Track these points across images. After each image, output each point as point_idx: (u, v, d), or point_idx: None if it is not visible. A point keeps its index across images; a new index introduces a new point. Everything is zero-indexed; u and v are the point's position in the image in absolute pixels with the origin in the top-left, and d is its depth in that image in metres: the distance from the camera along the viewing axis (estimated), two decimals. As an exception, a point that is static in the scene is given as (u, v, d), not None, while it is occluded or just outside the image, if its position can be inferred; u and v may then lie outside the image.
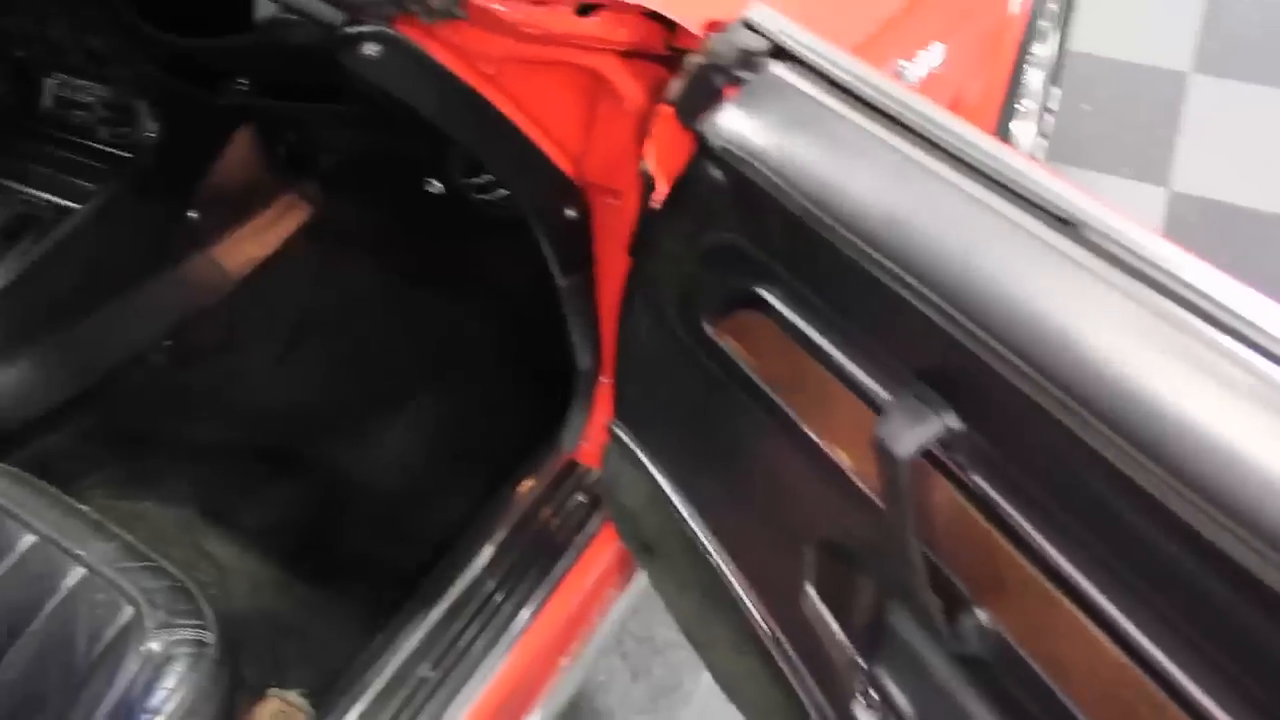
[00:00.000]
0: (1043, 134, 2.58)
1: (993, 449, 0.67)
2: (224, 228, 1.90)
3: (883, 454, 0.69)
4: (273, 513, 1.71)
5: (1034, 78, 2.41)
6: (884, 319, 0.73)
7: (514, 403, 1.80)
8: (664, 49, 1.13)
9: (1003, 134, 2.27)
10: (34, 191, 1.76)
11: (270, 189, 1.94)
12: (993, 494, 0.68)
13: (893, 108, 0.74)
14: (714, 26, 1.02)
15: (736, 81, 0.85)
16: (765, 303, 0.87)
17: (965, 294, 0.64)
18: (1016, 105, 2.34)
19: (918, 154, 0.71)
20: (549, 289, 1.34)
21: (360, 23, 0.98)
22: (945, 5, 1.58)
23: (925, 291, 0.66)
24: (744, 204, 0.83)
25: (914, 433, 0.67)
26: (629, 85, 1.14)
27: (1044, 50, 2.43)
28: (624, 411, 1.23)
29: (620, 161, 1.20)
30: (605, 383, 1.41)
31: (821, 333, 0.81)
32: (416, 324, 1.94)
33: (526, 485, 1.44)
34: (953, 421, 0.67)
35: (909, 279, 0.66)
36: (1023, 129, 2.45)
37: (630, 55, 1.13)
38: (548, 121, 1.18)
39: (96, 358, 1.77)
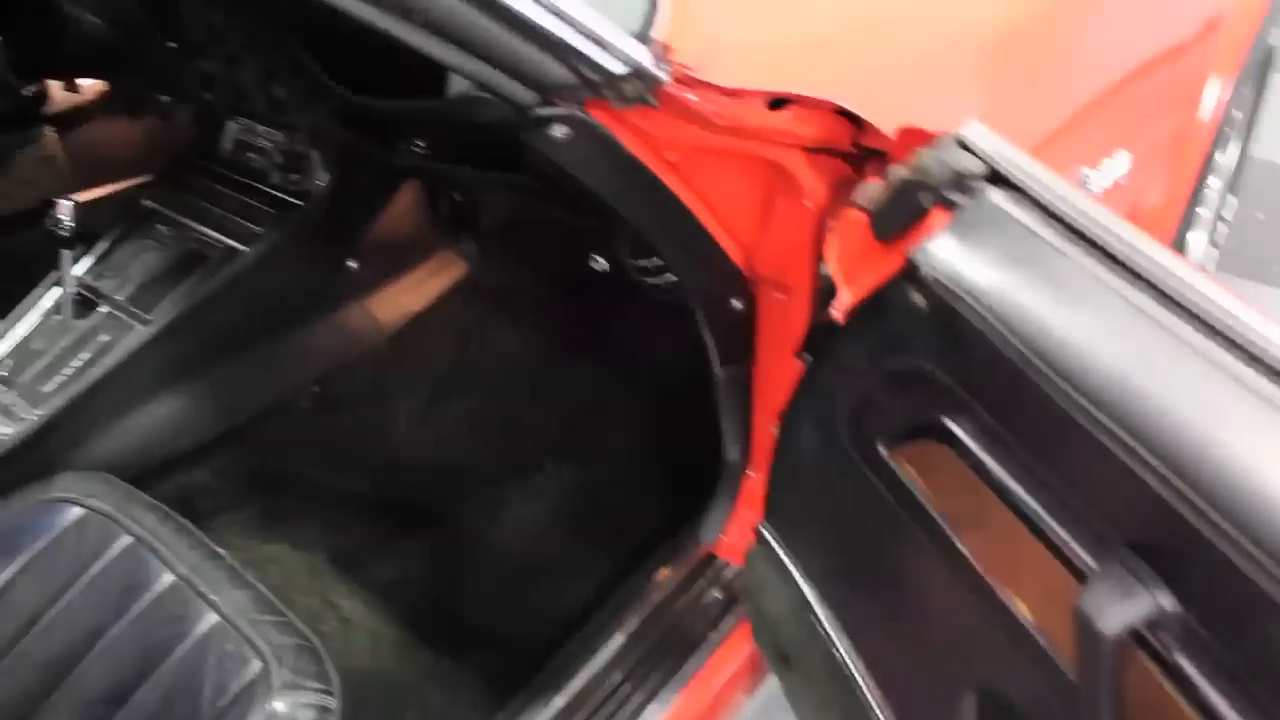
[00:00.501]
0: (1215, 243, 2.48)
1: (1209, 634, 0.61)
2: (381, 279, 1.92)
3: (1083, 627, 0.63)
4: (400, 568, 1.71)
5: (1212, 185, 2.32)
6: (1095, 478, 0.68)
7: (652, 484, 1.78)
8: (850, 146, 1.11)
9: (1179, 244, 2.18)
10: (206, 230, 1.80)
11: (429, 244, 1.97)
12: (1204, 684, 0.62)
13: (1118, 248, 0.69)
14: (911, 134, 0.98)
15: (946, 204, 0.81)
16: (951, 435, 0.82)
17: (1195, 465, 0.58)
18: (1194, 213, 2.25)
19: (1146, 303, 0.66)
20: (702, 376, 1.32)
21: (552, 104, 0.97)
22: (1133, 107, 1.51)
23: (1148, 457, 0.60)
24: (946, 335, 0.79)
25: (1121, 609, 0.62)
26: (811, 181, 1.12)
27: (1225, 158, 2.34)
28: (774, 515, 1.19)
29: (793, 257, 1.17)
30: (751, 477, 1.37)
31: (1017, 479, 0.76)
32: (561, 393, 1.93)
33: (663, 574, 1.41)
34: (1166, 600, 0.62)
35: (1131, 442, 0.61)
36: (1196, 238, 2.36)
37: (815, 151, 1.11)
38: (724, 211, 1.15)
39: (247, 398, 1.81)
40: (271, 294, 1.77)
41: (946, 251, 0.78)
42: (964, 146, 0.81)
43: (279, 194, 1.81)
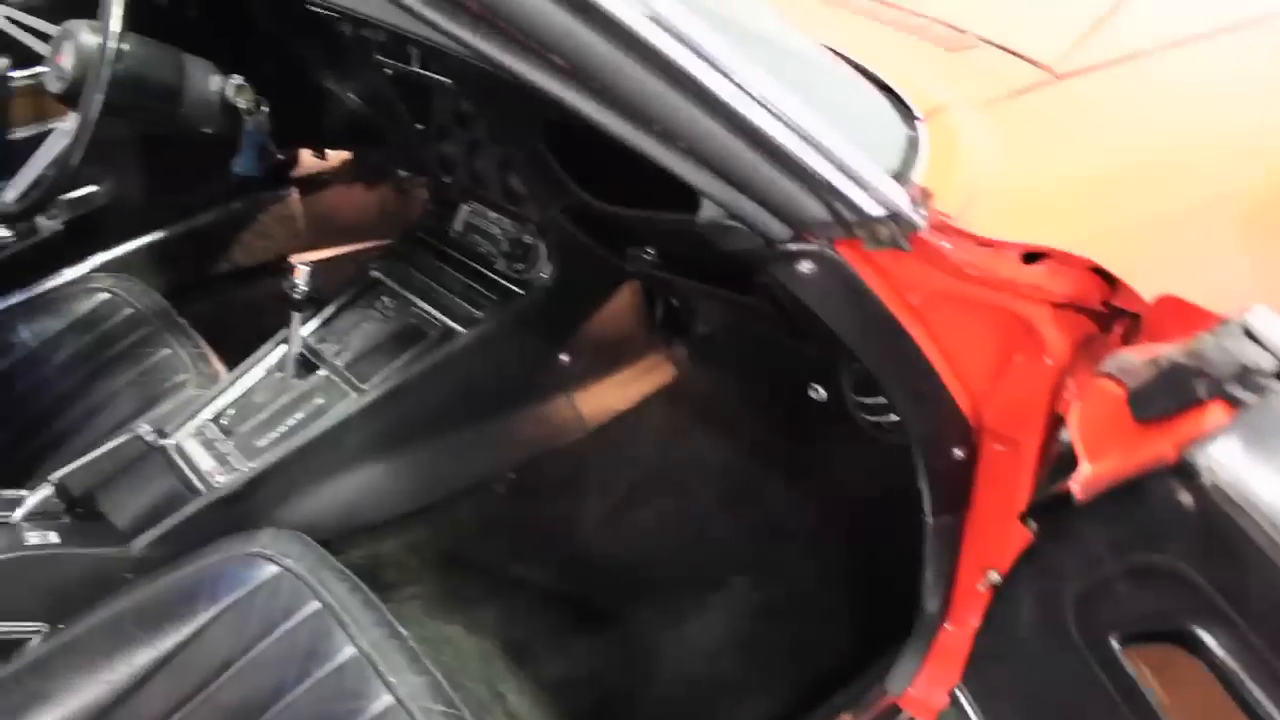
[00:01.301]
0: None
1: None
2: (590, 375, 1.94)
3: None
4: (571, 666, 1.69)
5: None
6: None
7: (839, 618, 1.72)
8: (1100, 305, 1.05)
9: None
10: (427, 307, 1.85)
11: (641, 345, 1.98)
12: None
13: None
14: (1172, 303, 0.92)
15: (1228, 399, 0.74)
16: (1204, 646, 0.74)
17: None
18: None
19: None
20: (908, 518, 1.26)
21: (803, 240, 0.95)
22: None
23: None
24: (1215, 542, 0.72)
25: None
26: (1056, 338, 1.06)
27: None
28: (975, 682, 1.11)
29: (1025, 413, 1.11)
30: (948, 631, 1.30)
31: (1280, 706, 0.68)
32: (755, 510, 1.90)
33: (844, 720, 1.35)
34: None
35: None
36: None
37: (1062, 306, 1.06)
38: (959, 359, 1.11)
39: (445, 476, 1.83)
40: (482, 378, 1.80)
41: (1230, 456, 0.70)
42: (1251, 336, 0.74)
43: (502, 280, 1.85)
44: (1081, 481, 0.87)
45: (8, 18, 1.82)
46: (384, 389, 1.70)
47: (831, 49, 1.16)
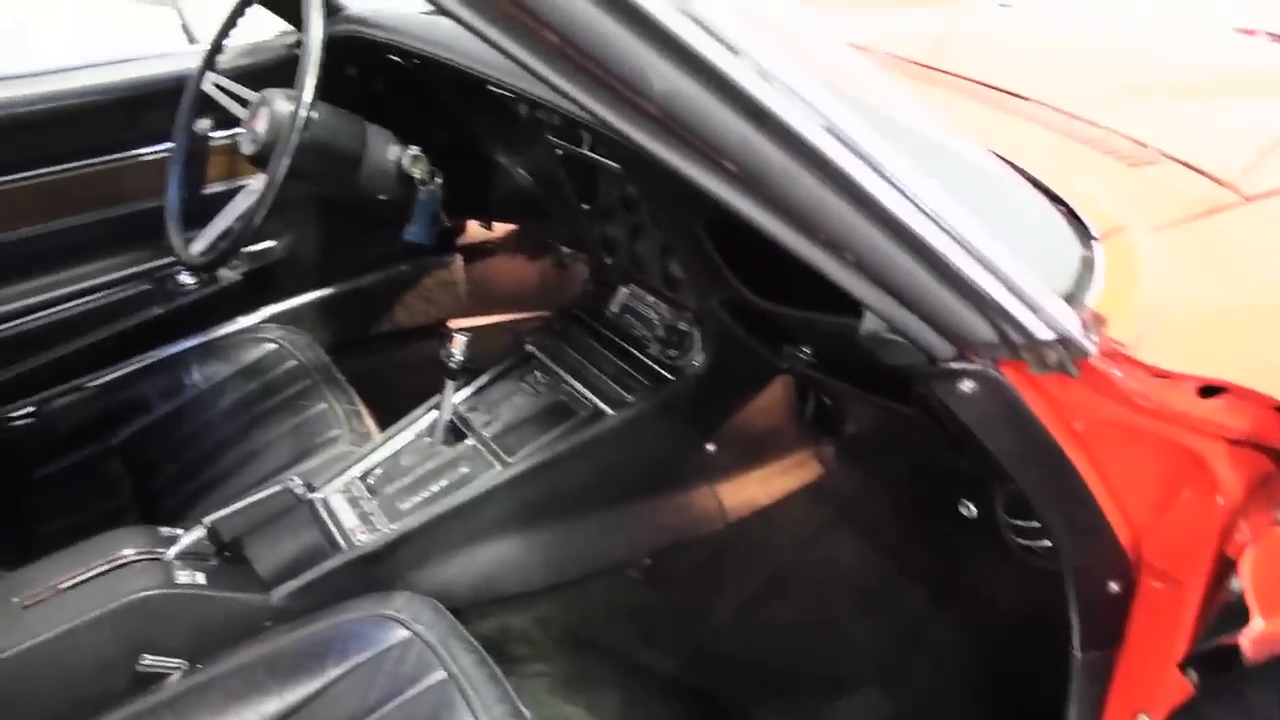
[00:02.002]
0: None
1: None
2: (735, 466, 1.92)
3: None
4: (691, 763, 1.66)
5: None
6: None
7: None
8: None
9: None
10: (578, 386, 1.87)
11: (789, 440, 1.95)
12: None
13: None
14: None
15: None
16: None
17: None
18: None
19: None
20: (1053, 648, 1.20)
21: (966, 359, 0.93)
22: None
23: None
24: None
25: None
26: (1230, 477, 1.00)
27: None
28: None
29: (1190, 551, 1.05)
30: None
31: None
32: (892, 618, 1.84)
33: None
34: None
35: None
36: None
37: (1239, 443, 1.00)
38: (1122, 490, 1.06)
39: (581, 556, 1.82)
40: (626, 462, 1.80)
41: None
42: None
43: (654, 365, 1.85)
44: (1253, 638, 0.82)
45: (215, 84, 1.92)
46: (529, 463, 1.71)
47: (1006, 159, 1.14)
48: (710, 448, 1.88)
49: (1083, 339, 0.88)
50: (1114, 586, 1.12)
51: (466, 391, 1.91)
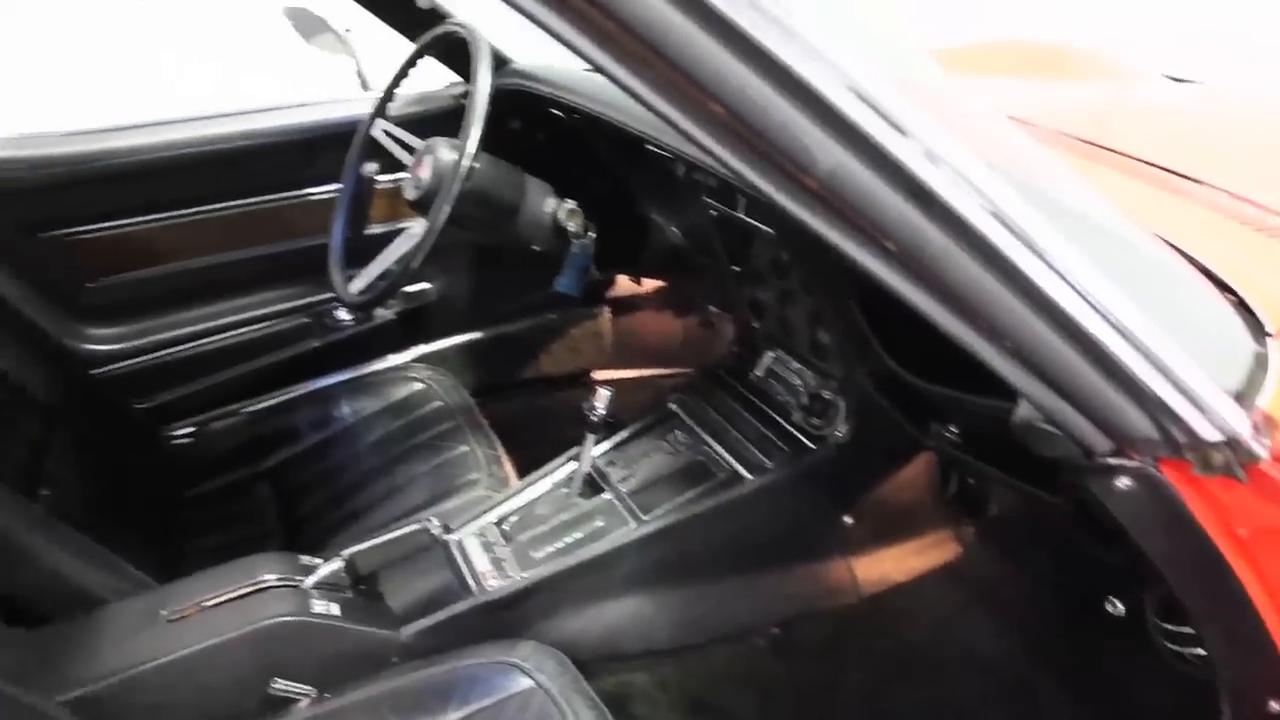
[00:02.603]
0: None
1: None
2: (872, 541, 1.88)
3: None
4: None
5: None
6: None
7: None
8: None
9: None
10: (717, 448, 1.86)
11: (929, 518, 1.90)
12: None
13: None
14: None
15: None
16: None
17: None
18: None
19: None
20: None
21: (1124, 455, 0.89)
22: None
23: None
24: None
25: None
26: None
27: None
28: None
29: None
30: None
31: None
32: (1025, 713, 1.77)
33: None
34: None
35: None
36: None
37: None
38: (1286, 604, 1.00)
39: (709, 620, 1.80)
40: (762, 528, 1.78)
41: None
42: None
43: (796, 432, 1.83)
44: None
45: (384, 130, 1.99)
46: (663, 523, 1.70)
47: (1174, 246, 1.10)
48: (847, 520, 1.84)
49: (1252, 442, 0.84)
50: (1275, 706, 1.06)
51: (606, 445, 1.92)
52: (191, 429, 2.24)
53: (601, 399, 1.76)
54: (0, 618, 1.51)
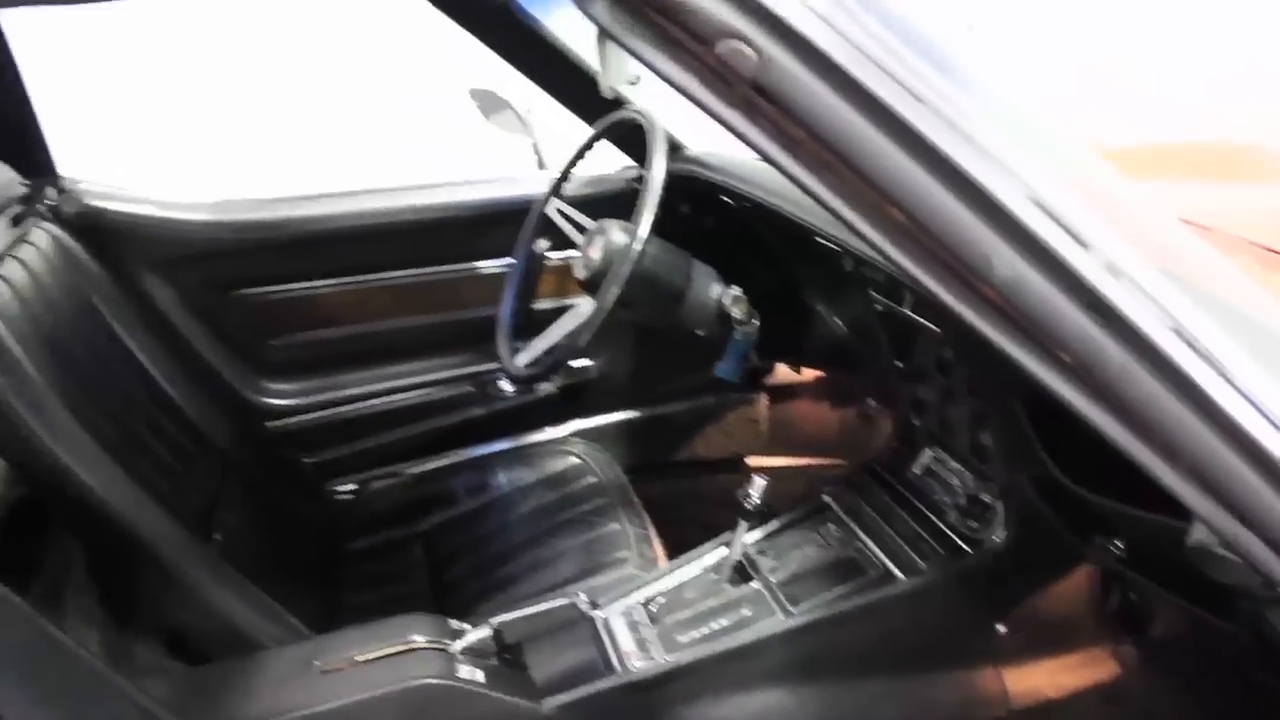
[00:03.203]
0: None
1: None
2: (1025, 652, 1.81)
3: None
4: None
5: None
6: None
7: None
8: None
9: None
10: (870, 545, 1.82)
11: (1087, 633, 1.82)
12: None
13: None
14: None
15: None
16: None
17: None
18: None
19: None
20: None
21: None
22: None
23: None
24: None
25: None
26: None
27: None
28: None
29: None
30: None
31: None
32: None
33: None
34: None
35: None
36: None
37: None
38: None
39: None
40: (911, 630, 1.74)
41: None
42: None
43: (952, 534, 1.79)
44: None
45: (559, 209, 2.05)
46: (811, 617, 1.68)
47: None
48: (1001, 628, 1.78)
49: None
50: None
51: (758, 533, 1.91)
52: (354, 486, 2.33)
53: (757, 487, 1.75)
54: (165, 650, 1.60)
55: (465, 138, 3.30)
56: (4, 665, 1.26)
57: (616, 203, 2.13)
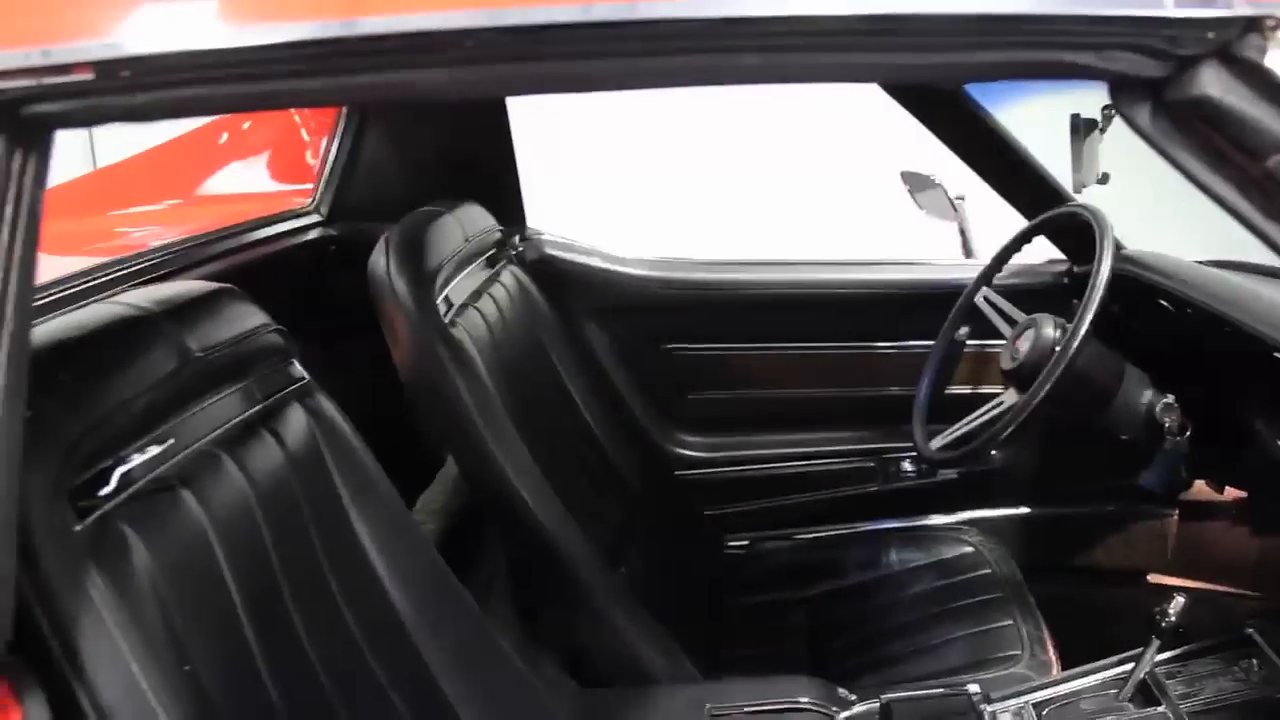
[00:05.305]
0: None
1: None
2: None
3: None
4: None
5: None
6: None
7: None
8: None
9: None
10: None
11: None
12: None
13: None
14: None
15: None
16: None
17: None
18: None
19: None
20: None
21: None
22: None
23: None
24: None
25: None
26: None
27: None
28: None
29: None
30: None
31: None
32: None
33: None
34: None
35: None
36: None
37: None
38: None
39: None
40: None
41: None
42: None
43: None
44: None
45: (986, 298, 2.05)
46: None
47: None
48: None
49: None
50: None
51: (1166, 655, 1.80)
52: (746, 542, 2.41)
53: (1176, 605, 1.66)
54: (564, 667, 1.72)
55: (884, 220, 3.36)
56: (449, 655, 1.42)
57: (1041, 296, 2.11)
